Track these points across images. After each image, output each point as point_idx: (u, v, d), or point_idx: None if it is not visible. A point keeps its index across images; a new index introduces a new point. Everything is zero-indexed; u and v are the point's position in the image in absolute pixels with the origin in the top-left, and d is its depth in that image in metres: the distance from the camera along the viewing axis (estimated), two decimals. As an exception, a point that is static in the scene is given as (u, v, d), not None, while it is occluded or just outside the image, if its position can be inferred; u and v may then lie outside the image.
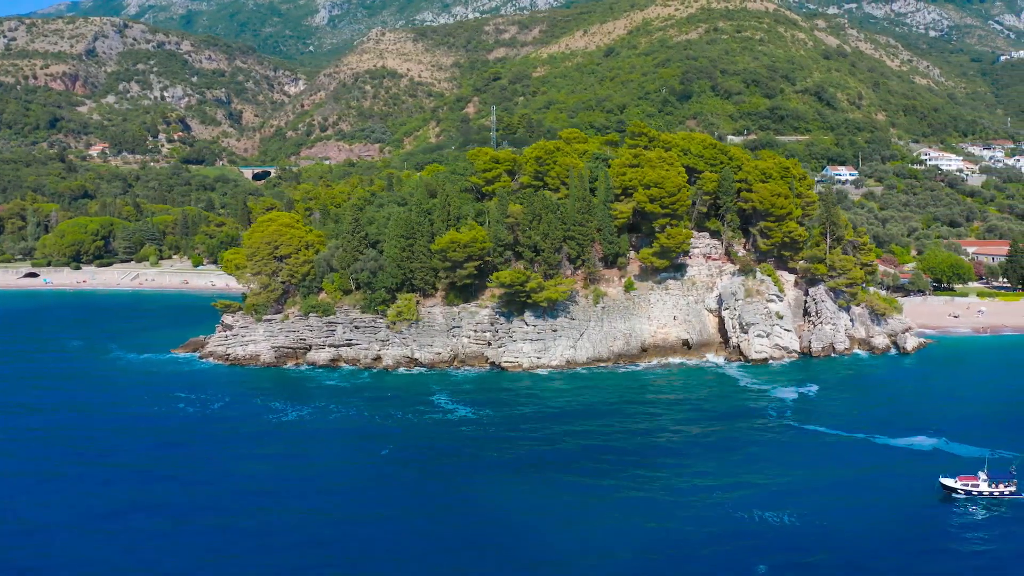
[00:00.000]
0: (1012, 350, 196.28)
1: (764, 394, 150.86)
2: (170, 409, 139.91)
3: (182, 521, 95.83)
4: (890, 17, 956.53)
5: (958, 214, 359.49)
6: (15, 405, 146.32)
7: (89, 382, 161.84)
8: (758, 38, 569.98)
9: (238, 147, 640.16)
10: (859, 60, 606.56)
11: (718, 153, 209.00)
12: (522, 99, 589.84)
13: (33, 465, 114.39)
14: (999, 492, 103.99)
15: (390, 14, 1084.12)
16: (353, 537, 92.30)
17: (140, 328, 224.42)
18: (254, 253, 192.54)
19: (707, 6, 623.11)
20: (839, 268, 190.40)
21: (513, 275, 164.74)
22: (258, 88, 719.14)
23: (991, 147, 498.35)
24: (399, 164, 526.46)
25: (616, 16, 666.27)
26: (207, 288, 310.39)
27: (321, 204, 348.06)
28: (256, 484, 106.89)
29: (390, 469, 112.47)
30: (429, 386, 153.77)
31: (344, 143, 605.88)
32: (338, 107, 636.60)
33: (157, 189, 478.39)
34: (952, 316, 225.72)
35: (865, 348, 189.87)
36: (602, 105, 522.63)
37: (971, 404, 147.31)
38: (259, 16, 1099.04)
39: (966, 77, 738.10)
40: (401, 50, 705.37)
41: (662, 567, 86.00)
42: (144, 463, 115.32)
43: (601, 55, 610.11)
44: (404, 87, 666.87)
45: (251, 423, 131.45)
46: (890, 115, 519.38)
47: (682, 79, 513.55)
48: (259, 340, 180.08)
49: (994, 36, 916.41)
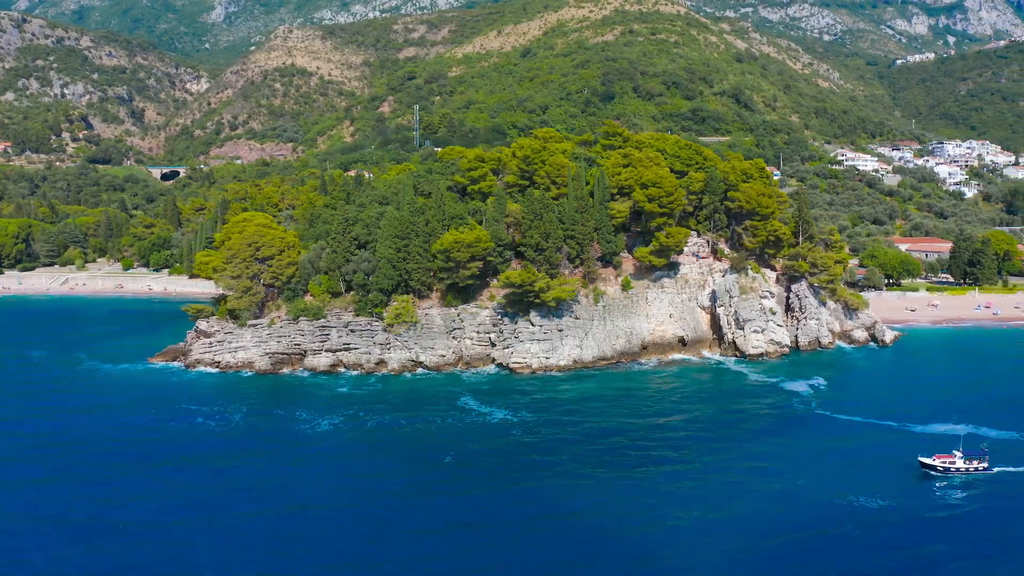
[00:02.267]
0: (975, 340, 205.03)
1: (778, 387, 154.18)
2: (190, 424, 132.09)
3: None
4: (785, 21, 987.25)
5: (881, 212, 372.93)
6: (19, 435, 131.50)
7: (81, 399, 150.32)
8: (673, 41, 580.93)
9: (143, 146, 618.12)
10: (769, 63, 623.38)
11: (693, 154, 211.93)
12: (438, 99, 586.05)
13: (133, 512, 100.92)
14: (973, 468, 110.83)
15: (288, 11, 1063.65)
16: (479, 548, 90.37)
17: (98, 336, 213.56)
18: (234, 255, 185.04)
19: (621, 8, 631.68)
20: (820, 265, 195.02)
21: (523, 275, 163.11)
22: (160, 86, 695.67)
23: (899, 148, 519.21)
24: (317, 164, 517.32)
25: (530, 17, 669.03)
26: (144, 292, 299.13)
27: (258, 204, 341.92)
28: (353, 501, 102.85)
29: (464, 476, 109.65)
30: (447, 389, 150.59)
31: (256, 142, 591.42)
32: (248, 105, 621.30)
33: (66, 190, 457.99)
34: (909, 310, 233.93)
35: (846, 341, 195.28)
36: (524, 105, 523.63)
37: (974, 390, 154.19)
38: (153, 12, 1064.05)
39: (863, 80, 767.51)
40: (310, 48, 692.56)
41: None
42: (216, 487, 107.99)
43: (518, 55, 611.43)
44: (315, 85, 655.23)
45: (288, 435, 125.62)
46: (803, 117, 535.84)
47: (603, 80, 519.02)
48: (248, 346, 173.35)
49: (886, 40, 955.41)
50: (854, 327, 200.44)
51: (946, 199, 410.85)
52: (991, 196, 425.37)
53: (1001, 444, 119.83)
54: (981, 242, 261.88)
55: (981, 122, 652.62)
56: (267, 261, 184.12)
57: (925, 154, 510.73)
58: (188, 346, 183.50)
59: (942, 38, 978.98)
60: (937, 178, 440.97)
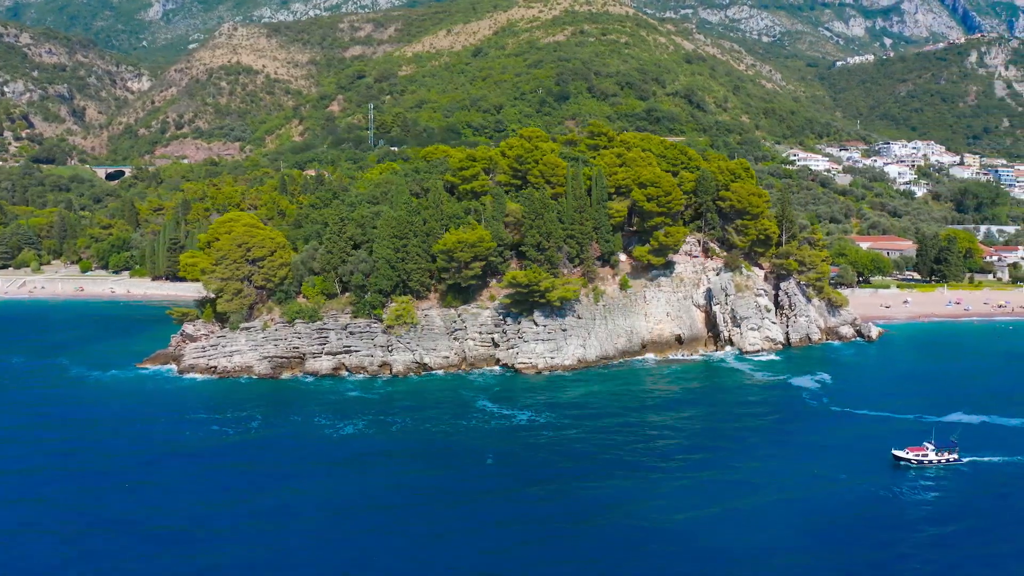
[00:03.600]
0: (956, 334, 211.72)
1: (785, 383, 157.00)
2: (207, 434, 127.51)
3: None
4: (725, 23, 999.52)
5: (837, 211, 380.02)
6: (49, 452, 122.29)
7: (83, 409, 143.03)
8: (624, 41, 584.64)
9: (85, 145, 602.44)
10: (716, 64, 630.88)
11: (679, 154, 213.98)
12: (389, 98, 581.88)
13: (216, 521, 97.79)
14: (944, 460, 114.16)
15: (227, 9, 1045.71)
16: (551, 541, 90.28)
17: (73, 340, 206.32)
18: (224, 256, 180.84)
19: (570, 9, 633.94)
20: (808, 263, 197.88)
21: (530, 275, 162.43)
22: (100, 84, 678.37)
23: (847, 148, 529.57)
24: (268, 163, 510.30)
25: (479, 16, 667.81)
26: (107, 295, 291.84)
27: (219, 204, 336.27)
28: (417, 501, 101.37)
29: (511, 475, 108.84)
30: (459, 391, 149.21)
31: (203, 141, 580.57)
32: (193, 104, 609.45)
33: (11, 190, 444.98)
34: (884, 307, 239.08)
35: (834, 337, 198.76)
36: (477, 105, 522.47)
37: (970, 382, 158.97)
38: (90, 9, 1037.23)
39: (804, 81, 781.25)
40: (255, 46, 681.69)
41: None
42: (277, 492, 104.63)
43: (469, 55, 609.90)
44: (261, 84, 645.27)
45: (317, 441, 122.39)
46: (753, 118, 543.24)
47: (557, 80, 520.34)
48: (244, 351, 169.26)
49: (824, 42, 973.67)
50: (839, 323, 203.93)
51: (898, 198, 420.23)
52: (940, 195, 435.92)
53: (976, 433, 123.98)
54: (947, 240, 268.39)
55: (921, 123, 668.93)
56: (258, 262, 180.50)
57: (872, 154, 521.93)
58: (178, 350, 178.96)
59: (879, 40, 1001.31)
60: (887, 178, 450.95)
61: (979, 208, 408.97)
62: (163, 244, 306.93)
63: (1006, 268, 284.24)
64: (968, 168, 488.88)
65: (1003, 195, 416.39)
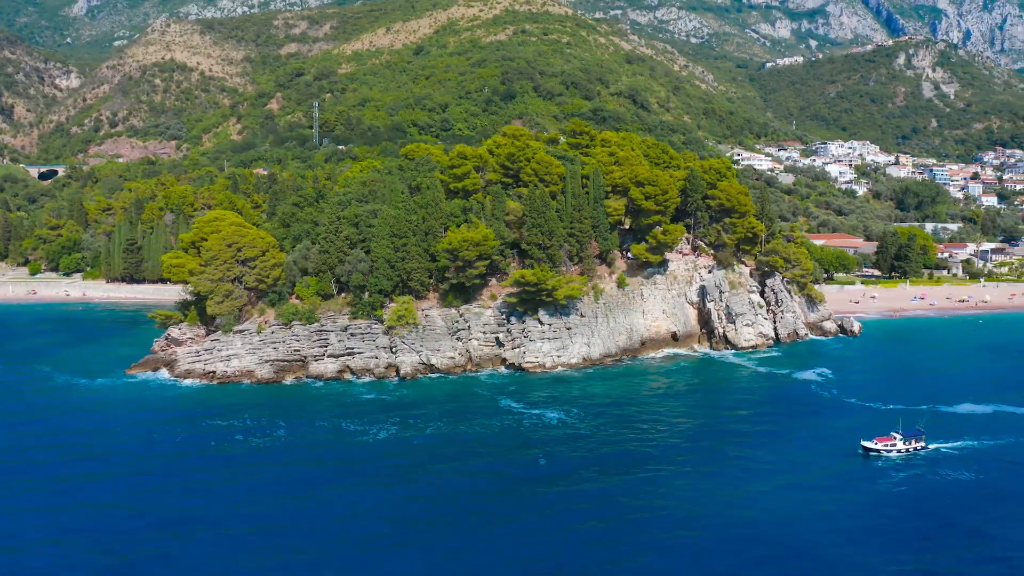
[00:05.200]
0: (929, 328, 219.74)
1: (790, 377, 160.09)
2: (234, 441, 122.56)
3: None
4: (654, 24, 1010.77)
5: (786, 210, 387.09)
6: (72, 477, 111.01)
7: (85, 419, 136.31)
8: (565, 41, 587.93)
9: (15, 144, 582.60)
10: (656, 65, 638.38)
11: (660, 153, 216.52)
12: (329, 96, 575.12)
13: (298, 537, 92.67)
14: (912, 449, 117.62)
15: (152, 6, 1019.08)
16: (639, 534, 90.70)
17: (45, 347, 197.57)
18: (214, 256, 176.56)
19: (511, 8, 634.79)
20: (793, 260, 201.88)
21: (539, 273, 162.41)
22: (28, 81, 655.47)
23: (785, 148, 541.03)
24: (209, 162, 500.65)
25: (419, 15, 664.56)
26: (62, 298, 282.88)
27: (173, 203, 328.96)
28: (498, 497, 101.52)
29: (570, 474, 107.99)
30: (475, 392, 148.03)
31: (138, 140, 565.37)
32: (128, 102, 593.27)
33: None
34: (853, 302, 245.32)
35: (818, 332, 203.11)
36: (422, 104, 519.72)
37: (967, 373, 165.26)
38: (13, 5, 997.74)
39: (735, 82, 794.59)
40: (189, 43, 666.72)
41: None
42: (341, 501, 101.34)
43: (411, 53, 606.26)
44: (196, 81, 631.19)
45: (349, 448, 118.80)
46: (694, 118, 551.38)
47: (503, 79, 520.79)
48: (242, 355, 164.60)
49: (751, 44, 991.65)
50: (819, 319, 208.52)
51: (840, 197, 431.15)
52: (880, 194, 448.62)
53: (943, 422, 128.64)
54: (907, 238, 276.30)
55: (851, 123, 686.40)
56: (249, 263, 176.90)
57: (810, 154, 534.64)
58: (169, 356, 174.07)
59: (804, 42, 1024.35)
60: (829, 177, 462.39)
61: (919, 206, 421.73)
62: (119, 245, 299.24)
63: (959, 264, 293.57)
64: (903, 168, 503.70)
65: (943, 194, 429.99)
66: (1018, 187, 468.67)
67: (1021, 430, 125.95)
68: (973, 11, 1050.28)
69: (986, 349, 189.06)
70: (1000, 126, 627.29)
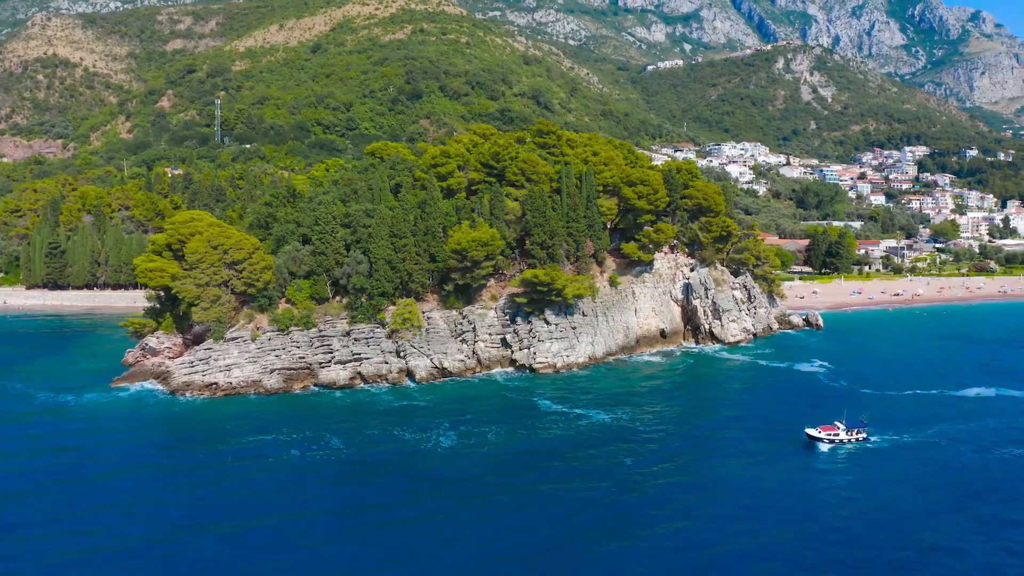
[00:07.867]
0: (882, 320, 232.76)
1: (791, 369, 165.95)
2: (291, 456, 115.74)
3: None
4: (533, 26, 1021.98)
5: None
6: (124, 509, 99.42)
7: (89, 438, 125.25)
8: (464, 41, 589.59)
9: None
10: (551, 67, 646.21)
11: (627, 153, 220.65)
12: (224, 94, 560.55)
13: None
14: (853, 438, 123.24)
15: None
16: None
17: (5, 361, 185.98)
18: (200, 260, 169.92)
19: (407, 7, 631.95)
20: (763, 258, 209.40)
21: (551, 273, 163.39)
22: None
23: (680, 149, 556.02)
24: (103, 162, 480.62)
25: (312, 12, 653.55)
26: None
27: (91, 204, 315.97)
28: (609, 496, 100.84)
29: (661, 471, 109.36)
30: (503, 395, 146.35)
31: (22, 138, 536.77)
32: (10, 99, 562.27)
33: None
34: (799, 297, 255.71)
35: (787, 326, 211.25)
36: (325, 102, 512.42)
37: (951, 359, 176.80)
38: None
39: (618, 84, 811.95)
40: (71, 37, 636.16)
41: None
42: (461, 516, 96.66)
43: (308, 51, 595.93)
44: (80, 78, 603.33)
45: (428, 458, 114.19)
46: (593, 119, 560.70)
47: (407, 79, 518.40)
48: (243, 364, 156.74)
49: (628, 47, 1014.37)
50: (782, 314, 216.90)
51: (745, 197, 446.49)
52: (780, 194, 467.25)
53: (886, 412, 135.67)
54: (838, 236, 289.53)
55: (733, 125, 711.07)
56: (236, 266, 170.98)
57: (705, 155, 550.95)
58: (159, 367, 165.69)
59: (679, 45, 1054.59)
60: (731, 177, 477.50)
61: (819, 205, 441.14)
62: (39, 249, 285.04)
63: (879, 260, 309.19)
64: (795, 168, 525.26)
65: (841, 193, 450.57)
66: (904, 187, 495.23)
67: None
68: (842, 17, 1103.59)
69: (951, 338, 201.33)
70: (876, 128, 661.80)
